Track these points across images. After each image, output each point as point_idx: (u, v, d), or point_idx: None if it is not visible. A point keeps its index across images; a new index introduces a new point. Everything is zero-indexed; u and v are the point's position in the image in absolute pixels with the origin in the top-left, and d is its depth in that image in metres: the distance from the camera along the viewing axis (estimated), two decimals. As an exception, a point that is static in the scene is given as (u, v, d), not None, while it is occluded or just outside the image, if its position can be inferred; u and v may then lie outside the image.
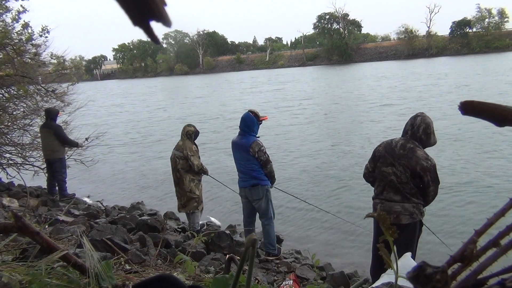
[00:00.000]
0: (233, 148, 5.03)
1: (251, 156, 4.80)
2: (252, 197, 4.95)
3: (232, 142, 5.06)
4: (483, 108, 0.54)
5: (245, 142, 4.83)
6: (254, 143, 4.80)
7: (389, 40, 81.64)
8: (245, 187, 4.97)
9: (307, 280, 4.32)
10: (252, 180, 4.89)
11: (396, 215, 3.51)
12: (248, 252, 0.63)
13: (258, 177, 4.89)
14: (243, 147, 4.83)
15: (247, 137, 4.85)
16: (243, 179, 4.97)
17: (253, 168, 4.85)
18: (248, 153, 4.80)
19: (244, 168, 4.91)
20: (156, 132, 16.89)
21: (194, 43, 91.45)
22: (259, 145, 4.83)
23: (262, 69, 78.53)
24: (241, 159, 4.91)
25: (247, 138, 4.84)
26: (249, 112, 4.98)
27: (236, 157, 5.02)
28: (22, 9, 7.92)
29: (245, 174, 4.93)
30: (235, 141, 4.99)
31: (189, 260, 2.14)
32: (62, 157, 7.58)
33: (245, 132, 4.87)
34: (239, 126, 4.96)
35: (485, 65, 37.93)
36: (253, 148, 4.77)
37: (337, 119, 16.22)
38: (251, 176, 4.88)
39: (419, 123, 3.54)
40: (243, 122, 4.90)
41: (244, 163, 4.89)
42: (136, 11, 0.38)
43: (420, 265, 0.52)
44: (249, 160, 4.83)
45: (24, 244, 2.05)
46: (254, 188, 4.91)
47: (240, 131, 4.95)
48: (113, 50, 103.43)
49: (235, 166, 5.09)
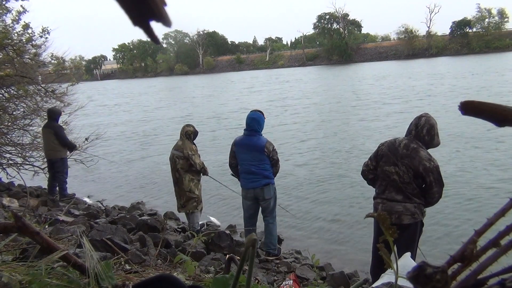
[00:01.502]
0: (242, 149, 4.88)
1: (264, 156, 4.77)
2: (264, 197, 4.90)
3: (239, 143, 4.92)
4: (483, 108, 0.54)
5: (258, 142, 4.77)
6: (268, 142, 4.79)
7: (389, 40, 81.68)
8: (255, 187, 4.87)
9: (307, 280, 4.31)
10: (264, 180, 4.85)
11: (397, 215, 3.51)
12: (248, 252, 0.63)
13: (270, 177, 4.89)
14: (256, 147, 4.77)
15: (258, 137, 4.81)
16: (253, 180, 4.86)
17: (266, 168, 4.83)
18: (262, 153, 4.76)
19: (256, 168, 4.82)
20: (156, 132, 16.88)
21: (194, 43, 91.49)
22: (272, 144, 4.84)
23: (262, 69, 78.55)
24: (253, 160, 4.81)
25: (259, 138, 4.80)
26: (257, 111, 4.94)
27: (245, 157, 4.87)
28: (22, 10, 7.94)
29: (256, 174, 4.83)
30: (244, 142, 4.86)
31: (189, 260, 2.14)
32: (64, 157, 7.60)
33: (256, 131, 4.81)
34: (248, 125, 4.85)
35: (485, 64, 37.92)
36: (267, 148, 4.76)
37: (336, 119, 16.21)
38: (264, 176, 4.84)
39: (423, 123, 3.54)
40: (255, 121, 4.81)
41: (256, 163, 4.81)
42: (136, 11, 0.38)
43: (420, 265, 0.52)
44: (262, 160, 4.79)
45: (24, 244, 2.04)
46: (266, 188, 4.87)
47: (247, 131, 4.85)
48: (113, 50, 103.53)
49: (241, 167, 4.96)
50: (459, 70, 34.59)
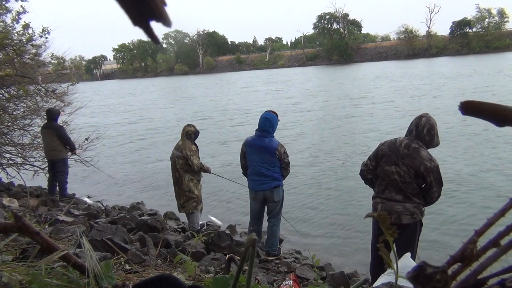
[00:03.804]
0: (253, 150, 4.82)
1: (276, 158, 4.73)
2: (273, 199, 4.86)
3: (250, 143, 4.85)
4: (483, 108, 0.54)
5: (270, 144, 4.72)
6: (280, 145, 4.75)
7: (389, 40, 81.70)
8: (265, 189, 4.82)
9: (307, 280, 4.31)
10: (274, 182, 4.81)
11: (397, 215, 3.51)
12: (248, 252, 0.63)
13: (279, 179, 4.85)
14: (268, 149, 4.72)
15: (270, 138, 4.75)
16: (263, 182, 4.81)
17: (276, 170, 4.79)
18: (273, 156, 4.71)
19: (266, 170, 4.77)
20: (156, 132, 16.88)
21: (194, 43, 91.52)
22: (284, 147, 4.79)
23: (262, 69, 78.55)
24: (263, 162, 4.76)
25: (271, 140, 4.74)
26: (271, 112, 4.88)
27: (255, 159, 4.80)
28: (22, 10, 7.94)
29: (266, 176, 4.79)
30: (255, 143, 4.79)
31: (189, 260, 2.13)
32: (64, 157, 7.60)
33: (268, 133, 4.75)
34: (261, 126, 4.78)
35: (485, 64, 37.92)
36: (279, 150, 4.72)
37: (337, 119, 16.20)
38: (273, 178, 4.80)
39: (424, 123, 3.55)
40: (268, 122, 4.75)
41: (266, 165, 4.76)
42: (136, 11, 0.38)
43: (420, 265, 0.52)
44: (273, 162, 4.75)
45: (24, 244, 2.05)
46: (276, 190, 4.83)
47: (259, 132, 4.79)
48: (113, 50, 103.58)
49: (250, 168, 4.90)
50: (459, 70, 34.58)
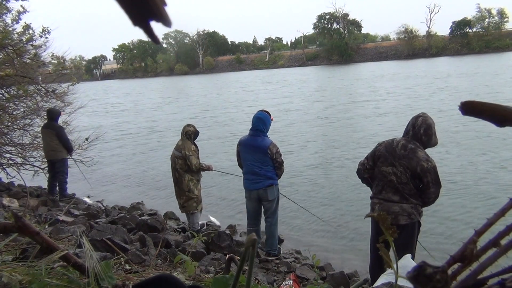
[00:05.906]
0: (246, 149, 4.88)
1: (268, 158, 4.75)
2: (267, 198, 4.89)
3: (243, 143, 4.91)
4: (484, 108, 0.54)
5: (262, 143, 4.76)
6: (272, 144, 4.77)
7: (389, 40, 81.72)
8: (259, 188, 4.86)
9: (307, 280, 4.31)
10: (267, 181, 4.84)
11: (394, 216, 3.50)
12: (248, 252, 0.63)
13: (273, 177, 4.87)
14: (260, 148, 4.76)
15: (263, 138, 4.79)
16: (256, 181, 4.86)
17: (269, 169, 4.82)
18: (265, 155, 4.74)
19: (259, 169, 4.81)
20: (156, 132, 16.88)
21: (194, 43, 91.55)
22: (276, 146, 4.81)
23: (262, 69, 78.54)
24: (256, 161, 4.80)
25: (263, 139, 4.78)
26: (264, 112, 4.92)
27: (248, 158, 4.87)
28: (22, 10, 7.94)
29: (259, 175, 4.82)
30: (248, 142, 4.86)
31: (189, 260, 2.13)
32: (64, 158, 7.60)
33: (261, 132, 4.79)
34: (254, 125, 4.84)
35: (485, 64, 37.92)
36: (271, 149, 4.74)
37: (336, 119, 16.20)
38: (267, 177, 4.83)
39: (421, 123, 3.52)
40: (261, 121, 4.80)
41: (259, 164, 4.80)
42: (136, 11, 0.38)
43: (420, 265, 0.52)
44: (265, 161, 4.78)
45: (24, 244, 2.05)
46: (270, 189, 4.86)
47: (252, 131, 4.84)
48: (113, 50, 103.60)
49: (244, 167, 4.95)
50: (458, 70, 34.57)
